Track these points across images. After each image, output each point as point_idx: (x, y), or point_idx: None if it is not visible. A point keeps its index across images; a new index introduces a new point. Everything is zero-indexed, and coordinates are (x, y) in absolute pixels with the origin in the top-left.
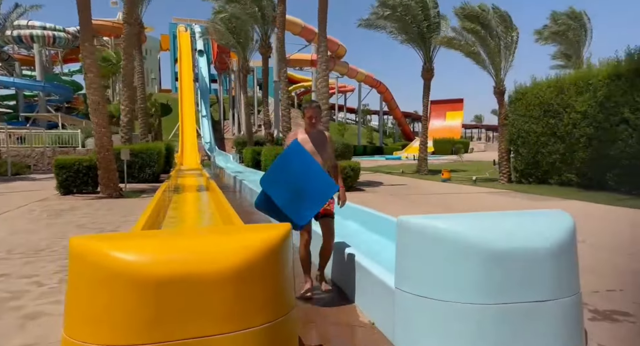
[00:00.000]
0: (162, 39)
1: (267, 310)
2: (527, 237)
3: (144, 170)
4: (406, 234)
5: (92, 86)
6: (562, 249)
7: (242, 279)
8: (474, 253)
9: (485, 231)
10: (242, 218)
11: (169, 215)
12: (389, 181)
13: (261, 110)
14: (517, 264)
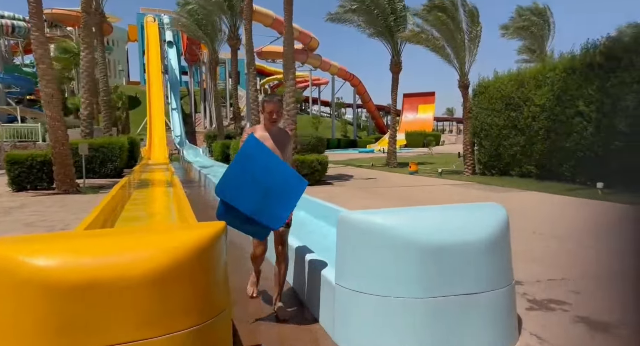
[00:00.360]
0: (129, 29)
1: (194, 312)
2: (462, 230)
3: (106, 165)
4: (345, 230)
5: (44, 77)
6: (495, 241)
7: (166, 281)
8: (410, 247)
9: (420, 226)
10: (204, 214)
11: (122, 216)
12: (358, 175)
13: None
14: (452, 257)
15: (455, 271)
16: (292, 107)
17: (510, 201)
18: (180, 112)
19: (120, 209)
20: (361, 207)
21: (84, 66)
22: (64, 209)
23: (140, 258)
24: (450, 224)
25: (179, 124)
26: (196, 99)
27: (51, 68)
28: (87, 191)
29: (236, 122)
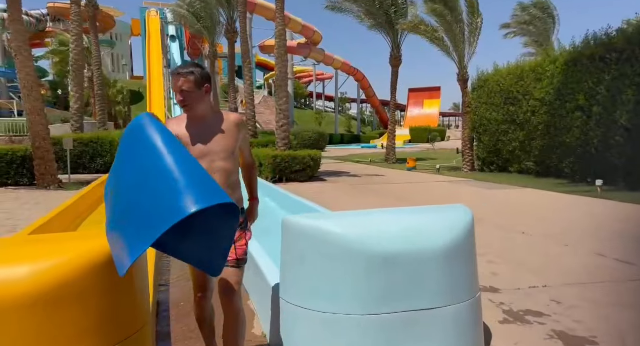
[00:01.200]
0: (132, 23)
1: (93, 337)
2: (418, 237)
3: (95, 160)
4: (289, 237)
5: (23, 69)
6: (456, 248)
7: (48, 304)
8: (356, 256)
9: (369, 233)
10: None
11: (91, 219)
12: (354, 171)
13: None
14: (403, 268)
15: (409, 284)
16: (284, 101)
17: (504, 198)
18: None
19: (90, 210)
20: (346, 205)
21: (73, 59)
22: (37, 207)
23: (17, 278)
24: (405, 229)
25: None
26: None
27: (30, 60)
28: (70, 187)
29: None
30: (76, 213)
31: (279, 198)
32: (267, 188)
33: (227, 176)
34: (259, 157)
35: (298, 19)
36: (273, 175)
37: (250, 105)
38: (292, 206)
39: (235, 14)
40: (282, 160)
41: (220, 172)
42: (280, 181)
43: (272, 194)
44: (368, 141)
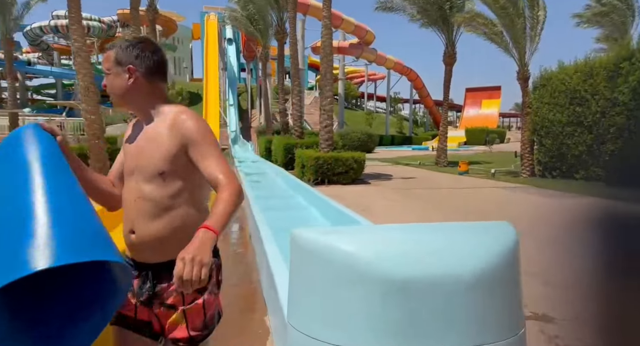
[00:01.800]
0: (193, 27)
1: None
2: (446, 261)
3: None
4: (296, 254)
5: (82, 70)
6: (495, 276)
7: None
8: (369, 282)
9: (387, 253)
10: None
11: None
12: (400, 174)
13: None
14: (427, 298)
15: (434, 317)
16: (328, 101)
17: (565, 210)
18: (236, 108)
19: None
20: (384, 211)
21: None
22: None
23: None
24: (432, 251)
25: (235, 119)
26: (253, 95)
27: (88, 62)
28: None
29: (282, 117)
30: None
31: (317, 203)
32: (308, 193)
33: (151, 208)
34: (302, 159)
35: (351, 19)
36: (315, 177)
37: (297, 105)
38: (331, 213)
39: (285, 15)
40: (325, 162)
41: (141, 201)
42: (322, 184)
43: (311, 199)
44: (420, 143)
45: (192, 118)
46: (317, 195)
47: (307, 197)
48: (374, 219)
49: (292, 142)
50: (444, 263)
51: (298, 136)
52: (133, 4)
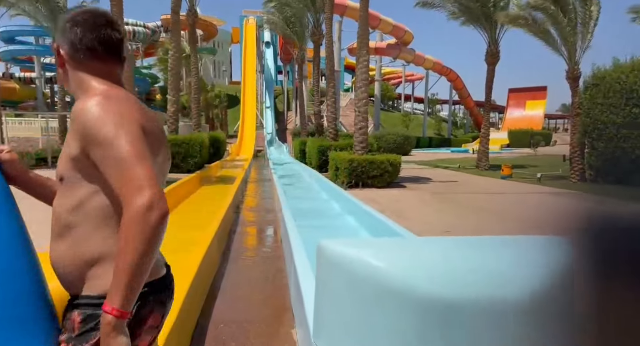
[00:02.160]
0: (233, 31)
1: None
2: (490, 281)
3: (187, 160)
4: (324, 266)
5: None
6: (548, 299)
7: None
8: (400, 302)
9: (422, 270)
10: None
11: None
12: (439, 177)
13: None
14: (468, 324)
15: (478, 343)
16: (363, 103)
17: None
18: (273, 110)
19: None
20: (421, 218)
21: (171, 65)
22: None
23: None
24: (474, 269)
25: (271, 121)
26: (289, 97)
27: (128, 66)
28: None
29: (316, 119)
30: None
31: (350, 207)
32: (341, 197)
33: (54, 224)
34: (336, 161)
35: (389, 19)
36: (349, 180)
37: (332, 107)
38: (365, 219)
39: (321, 17)
40: (359, 165)
41: (54, 210)
42: (356, 187)
43: (344, 203)
44: (459, 145)
45: (92, 108)
46: (350, 199)
47: (340, 201)
48: (409, 225)
49: (326, 144)
50: (490, 283)
51: (332, 137)
52: (173, 8)
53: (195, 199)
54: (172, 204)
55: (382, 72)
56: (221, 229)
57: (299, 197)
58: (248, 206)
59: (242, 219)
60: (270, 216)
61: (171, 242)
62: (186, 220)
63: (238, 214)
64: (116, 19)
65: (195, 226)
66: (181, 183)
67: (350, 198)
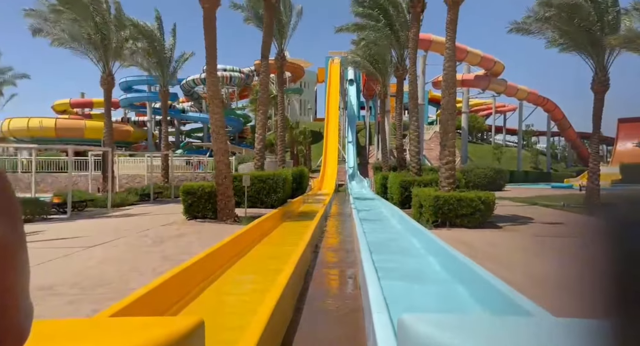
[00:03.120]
0: (318, 72)
1: None
2: None
3: (271, 196)
4: (403, 342)
5: (214, 115)
6: None
7: None
8: None
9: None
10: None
11: (236, 267)
12: (541, 217)
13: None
14: None
15: None
16: (449, 136)
17: None
18: (355, 145)
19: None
20: (524, 268)
21: (258, 105)
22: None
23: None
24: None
25: (353, 156)
26: (371, 132)
27: (220, 107)
28: (244, 222)
29: (399, 153)
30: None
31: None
32: (425, 238)
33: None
34: (419, 198)
35: (477, 50)
36: (434, 219)
37: (415, 141)
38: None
39: (405, 52)
40: (446, 202)
41: None
42: (442, 226)
43: (429, 246)
44: (561, 180)
45: None
46: (436, 242)
47: (424, 243)
48: (509, 277)
49: (409, 179)
50: None
51: (415, 172)
52: (263, 52)
53: (275, 236)
54: (253, 242)
55: (471, 103)
56: (296, 273)
57: (379, 237)
58: (327, 244)
59: (321, 259)
60: (350, 257)
61: (243, 285)
62: (262, 261)
63: (316, 254)
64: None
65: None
66: (264, 218)
67: (438, 241)
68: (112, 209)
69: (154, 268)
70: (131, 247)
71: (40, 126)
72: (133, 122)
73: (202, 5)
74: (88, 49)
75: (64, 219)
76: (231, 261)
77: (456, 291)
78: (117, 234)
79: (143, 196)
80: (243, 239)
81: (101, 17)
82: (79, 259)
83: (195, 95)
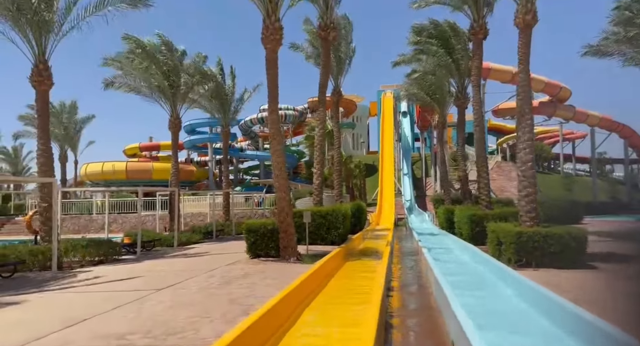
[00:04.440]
0: (370, 106)
1: None
2: None
3: (330, 232)
4: None
5: (275, 152)
6: None
7: None
8: None
9: None
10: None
11: (304, 320)
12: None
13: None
14: None
15: None
16: (528, 166)
17: None
18: (410, 177)
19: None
20: None
21: (316, 140)
22: (275, 283)
23: None
24: None
25: (409, 188)
26: (427, 163)
27: (281, 144)
28: (306, 260)
29: (463, 185)
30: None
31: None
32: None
33: None
34: (497, 234)
35: (541, 77)
36: (518, 259)
37: (483, 172)
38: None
39: (466, 81)
40: (530, 238)
41: None
42: (527, 266)
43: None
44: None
45: None
46: (532, 287)
47: (518, 289)
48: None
49: (480, 214)
50: None
51: (486, 205)
52: (321, 88)
53: (341, 279)
54: (318, 287)
55: (536, 131)
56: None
57: (462, 281)
58: (400, 287)
59: (398, 306)
60: (425, 301)
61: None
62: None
63: (389, 299)
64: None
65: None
66: (327, 259)
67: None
68: (178, 248)
69: (224, 313)
70: (199, 289)
71: (113, 169)
72: (196, 163)
73: (265, 46)
74: (158, 95)
75: (134, 260)
76: (299, 309)
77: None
78: (184, 276)
79: (206, 233)
80: (309, 284)
81: (172, 64)
82: (151, 303)
83: (252, 134)
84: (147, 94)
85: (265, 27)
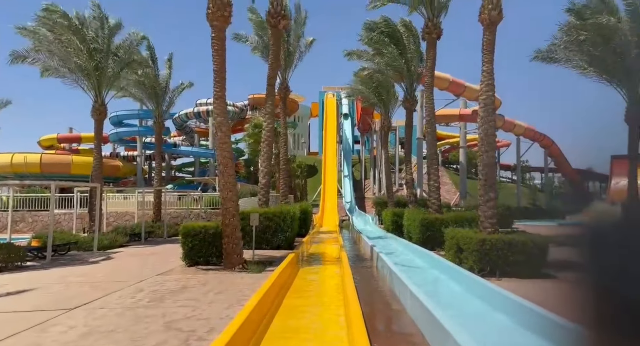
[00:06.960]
0: (312, 106)
1: None
2: None
3: (277, 235)
4: None
5: (221, 146)
6: None
7: None
8: None
9: None
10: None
11: (274, 327)
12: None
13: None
14: None
15: None
16: (491, 169)
17: None
18: (351, 179)
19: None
20: None
21: (264, 136)
22: (220, 298)
23: None
24: None
25: (350, 190)
26: (366, 166)
27: (229, 136)
28: (253, 269)
29: (408, 188)
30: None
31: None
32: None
33: None
34: (457, 240)
35: (474, 86)
36: (481, 267)
37: (434, 175)
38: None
39: (415, 83)
40: (493, 246)
41: None
42: (491, 275)
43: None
44: (562, 217)
45: None
46: (519, 303)
47: (496, 304)
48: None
49: (431, 218)
50: None
51: (436, 209)
52: (269, 80)
53: (299, 291)
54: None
55: (466, 139)
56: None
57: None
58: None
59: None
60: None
61: None
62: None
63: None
64: None
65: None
66: (282, 269)
67: (513, 297)
68: (98, 253)
69: (158, 344)
70: (124, 309)
71: (24, 161)
72: (122, 157)
73: (211, 23)
74: (80, 77)
75: (41, 267)
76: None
77: None
78: (104, 290)
79: (133, 235)
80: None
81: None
82: (57, 330)
83: (187, 129)
84: (66, 74)
85: (212, 1)
